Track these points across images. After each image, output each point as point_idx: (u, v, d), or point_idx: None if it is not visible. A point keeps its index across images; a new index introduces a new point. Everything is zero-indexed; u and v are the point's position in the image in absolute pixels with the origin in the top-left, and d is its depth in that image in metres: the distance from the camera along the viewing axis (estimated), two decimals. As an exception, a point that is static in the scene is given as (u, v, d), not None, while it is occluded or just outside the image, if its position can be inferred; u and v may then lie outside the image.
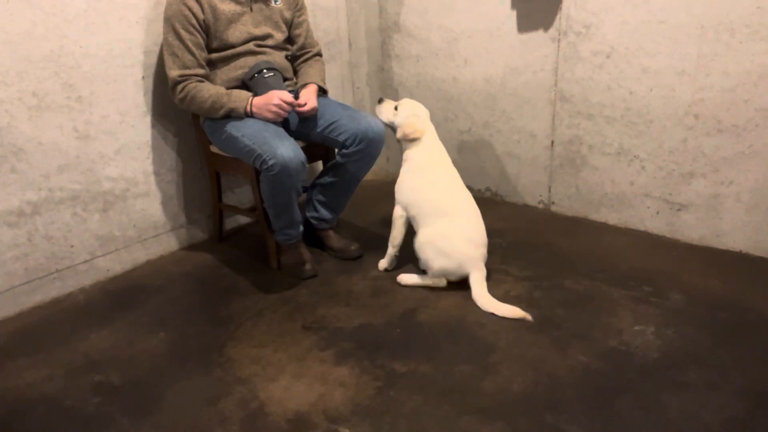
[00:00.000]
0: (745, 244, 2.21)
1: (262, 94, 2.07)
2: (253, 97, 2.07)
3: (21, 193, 2.01)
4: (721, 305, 1.90)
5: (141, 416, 1.55)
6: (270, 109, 2.04)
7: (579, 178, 2.57)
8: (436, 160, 2.11)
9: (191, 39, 2.04)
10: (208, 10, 2.06)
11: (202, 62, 2.09)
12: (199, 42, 2.07)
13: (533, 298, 1.99)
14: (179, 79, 2.06)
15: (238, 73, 2.14)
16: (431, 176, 2.08)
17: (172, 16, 2.02)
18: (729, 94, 2.07)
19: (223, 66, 2.14)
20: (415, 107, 2.13)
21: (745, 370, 1.59)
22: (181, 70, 2.05)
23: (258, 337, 1.87)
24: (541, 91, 2.55)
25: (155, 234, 2.44)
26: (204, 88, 2.06)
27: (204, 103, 2.06)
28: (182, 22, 2.02)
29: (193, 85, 2.06)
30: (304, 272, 2.22)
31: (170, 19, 2.03)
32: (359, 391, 1.60)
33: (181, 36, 2.03)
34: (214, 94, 2.06)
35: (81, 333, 1.95)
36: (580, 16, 2.33)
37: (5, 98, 1.92)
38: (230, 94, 2.07)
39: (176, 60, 2.05)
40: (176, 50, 2.04)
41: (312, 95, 2.18)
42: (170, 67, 2.07)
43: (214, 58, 2.13)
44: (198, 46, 2.06)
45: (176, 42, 2.03)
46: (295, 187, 2.04)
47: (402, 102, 2.16)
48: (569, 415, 1.46)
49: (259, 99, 2.06)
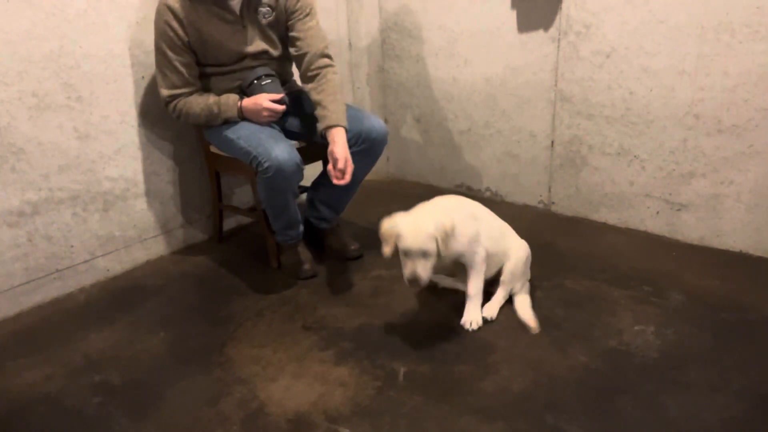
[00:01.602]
0: (745, 244, 2.21)
1: None
2: (241, 101, 2.06)
3: (21, 193, 2.01)
4: (721, 305, 1.90)
5: (141, 416, 1.55)
6: (262, 114, 2.03)
7: (579, 178, 2.57)
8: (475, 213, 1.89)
9: (178, 59, 2.01)
10: (193, 33, 1.98)
11: (191, 80, 2.06)
12: (187, 61, 2.03)
13: (533, 298, 1.99)
14: (168, 99, 2.06)
15: (235, 83, 2.12)
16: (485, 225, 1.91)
17: (159, 34, 1.99)
18: (729, 94, 2.07)
19: (219, 77, 2.12)
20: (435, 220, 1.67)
21: (745, 371, 1.59)
22: (170, 90, 2.05)
23: (258, 337, 1.87)
24: (541, 91, 2.55)
25: (155, 234, 2.44)
26: (194, 103, 2.05)
27: (198, 117, 2.07)
28: (168, 42, 1.98)
29: (183, 103, 2.06)
30: (304, 272, 2.22)
31: (157, 39, 2.00)
32: (359, 391, 1.60)
33: (168, 56, 2.00)
34: (204, 108, 2.05)
35: (81, 333, 1.94)
36: (580, 16, 2.32)
37: (5, 98, 1.92)
38: (219, 104, 2.05)
39: (165, 79, 2.04)
40: (164, 69, 2.03)
41: (343, 148, 1.93)
42: (160, 84, 2.06)
43: (209, 72, 2.10)
44: (186, 66, 2.03)
45: (164, 61, 2.02)
46: (292, 189, 2.03)
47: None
48: (569, 415, 1.46)
49: (248, 102, 2.04)
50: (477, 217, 1.87)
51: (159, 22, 1.98)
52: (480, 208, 1.94)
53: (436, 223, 1.63)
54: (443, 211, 1.73)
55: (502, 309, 1.92)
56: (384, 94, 3.17)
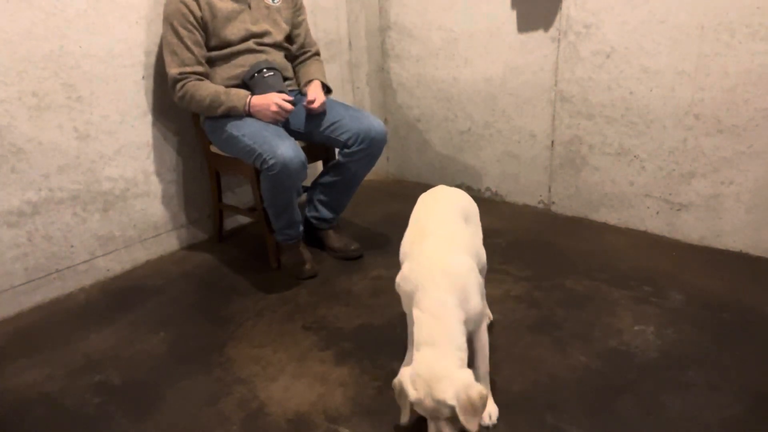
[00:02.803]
0: (745, 244, 2.21)
1: (262, 94, 2.07)
2: (252, 97, 2.08)
3: (21, 193, 2.01)
4: (721, 305, 1.90)
5: (141, 416, 1.55)
6: (269, 113, 2.04)
7: (579, 178, 2.57)
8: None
9: (190, 37, 2.04)
10: (206, 8, 2.06)
11: (201, 60, 2.09)
12: (198, 40, 2.07)
13: (533, 298, 1.99)
14: (178, 77, 2.06)
15: (237, 71, 2.14)
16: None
17: (171, 14, 2.03)
18: (729, 94, 2.07)
19: (222, 64, 2.14)
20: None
21: (745, 370, 1.59)
22: (180, 67, 2.05)
23: (258, 337, 1.87)
24: (541, 91, 2.55)
25: (155, 234, 2.44)
26: (203, 87, 2.06)
27: (203, 101, 2.06)
28: (180, 20, 2.02)
29: (192, 84, 2.06)
30: (304, 272, 2.22)
31: (169, 18, 2.04)
32: (359, 391, 1.60)
33: (180, 34, 2.03)
34: (212, 92, 2.06)
35: (81, 333, 1.95)
36: (580, 16, 2.32)
37: (5, 98, 1.92)
38: (229, 93, 2.07)
39: (175, 58, 2.05)
40: (175, 48, 2.04)
41: (319, 91, 2.20)
42: (169, 65, 2.07)
43: (214, 57, 2.13)
44: (197, 44, 2.07)
45: (175, 40, 2.04)
46: (296, 187, 2.04)
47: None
48: (569, 415, 1.46)
49: (258, 99, 2.06)
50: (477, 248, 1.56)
51: (172, 1, 2.03)
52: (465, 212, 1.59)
53: (456, 391, 1.21)
54: (455, 328, 1.29)
55: (502, 307, 1.92)
56: (384, 94, 3.17)
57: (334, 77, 3.04)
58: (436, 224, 1.47)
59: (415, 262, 1.39)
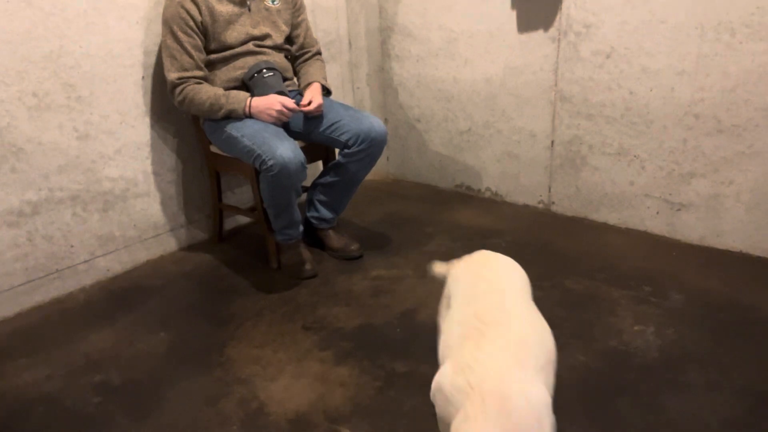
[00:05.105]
0: (745, 244, 2.21)
1: (262, 95, 2.08)
2: (252, 98, 2.08)
3: (21, 193, 2.01)
4: (721, 305, 1.90)
5: (141, 416, 1.55)
6: (271, 114, 2.04)
7: (579, 178, 2.57)
8: None
9: (189, 41, 2.04)
10: (206, 12, 2.05)
11: (200, 64, 2.09)
12: (197, 44, 2.06)
13: (533, 298, 1.99)
14: (177, 82, 2.06)
15: (237, 73, 2.14)
16: None
17: (170, 18, 2.03)
18: (729, 94, 2.07)
19: (222, 66, 2.14)
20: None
21: (745, 370, 1.59)
22: (180, 72, 2.05)
23: (258, 337, 1.87)
24: (541, 91, 2.55)
25: (155, 234, 2.44)
26: (202, 90, 2.06)
27: (203, 104, 2.06)
28: (180, 24, 2.02)
29: (191, 87, 2.06)
30: (304, 272, 2.22)
31: (168, 22, 2.03)
32: (359, 391, 1.60)
33: (179, 38, 2.03)
34: (212, 96, 2.06)
35: (81, 333, 1.95)
36: (580, 16, 2.33)
37: (5, 98, 1.92)
38: (228, 96, 2.07)
39: (174, 62, 2.05)
40: (174, 53, 2.04)
41: (317, 93, 2.19)
42: (168, 69, 2.07)
43: (213, 59, 2.13)
44: (196, 48, 2.06)
45: (174, 44, 2.04)
46: (295, 188, 2.04)
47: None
48: (569, 415, 1.46)
49: (259, 100, 2.06)
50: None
51: (171, 5, 2.02)
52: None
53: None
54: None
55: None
56: (384, 94, 3.17)
57: (335, 77, 3.04)
58: (499, 315, 1.08)
59: (465, 374, 0.96)
